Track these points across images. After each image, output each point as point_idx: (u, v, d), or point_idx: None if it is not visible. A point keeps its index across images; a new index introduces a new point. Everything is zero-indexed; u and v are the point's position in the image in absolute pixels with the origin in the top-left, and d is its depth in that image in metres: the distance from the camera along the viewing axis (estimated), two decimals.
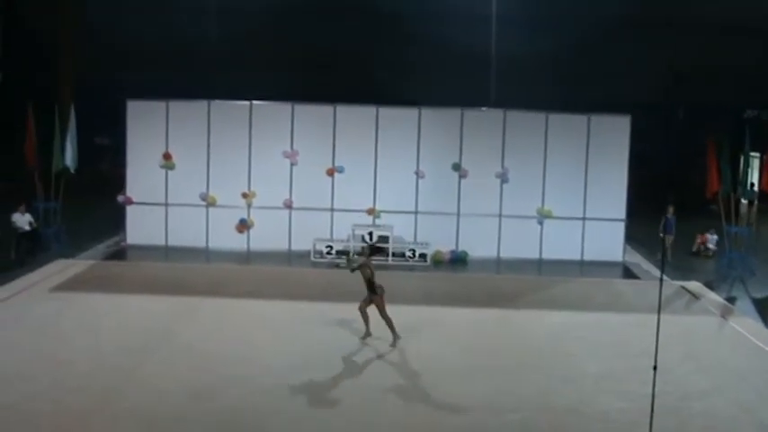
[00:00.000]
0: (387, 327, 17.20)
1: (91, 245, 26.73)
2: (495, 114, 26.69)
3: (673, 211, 26.66)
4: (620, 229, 26.39)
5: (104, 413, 13.13)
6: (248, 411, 13.30)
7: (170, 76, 35.33)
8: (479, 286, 22.84)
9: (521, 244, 26.25)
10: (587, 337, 18.15)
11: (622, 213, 26.37)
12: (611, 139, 26.31)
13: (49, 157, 26.21)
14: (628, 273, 25.29)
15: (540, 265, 25.89)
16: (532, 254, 26.29)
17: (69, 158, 26.41)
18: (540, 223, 26.30)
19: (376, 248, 17.86)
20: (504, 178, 26.30)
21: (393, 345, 17.05)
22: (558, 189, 26.30)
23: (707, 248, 28.27)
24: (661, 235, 26.65)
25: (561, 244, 26.30)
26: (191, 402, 13.65)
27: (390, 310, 17.20)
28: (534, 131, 26.31)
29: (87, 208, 31.32)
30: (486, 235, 26.25)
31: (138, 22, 38.54)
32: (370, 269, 17.14)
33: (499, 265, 25.83)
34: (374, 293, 17.11)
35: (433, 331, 18.16)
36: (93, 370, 15.13)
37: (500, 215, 26.33)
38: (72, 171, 26.96)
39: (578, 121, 26.41)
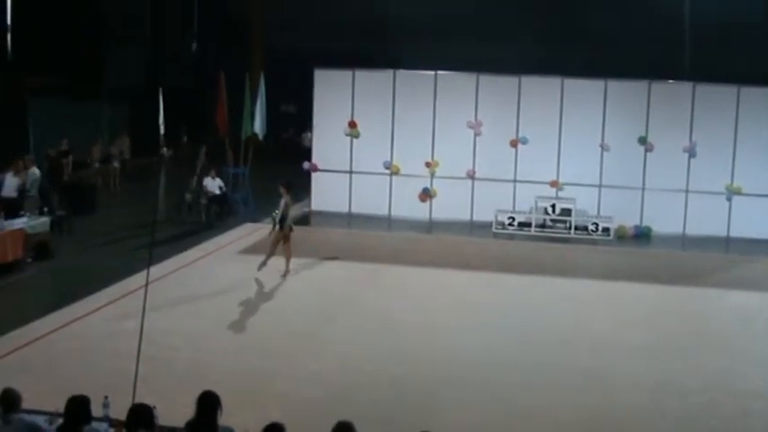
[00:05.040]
0: (286, 261, 19.48)
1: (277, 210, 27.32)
2: (684, 87, 25.92)
3: None
4: None
5: (285, 375, 13.38)
6: (422, 381, 13.33)
7: (356, 45, 35.61)
8: (663, 263, 22.32)
9: (708, 220, 25.38)
10: None
11: None
12: None
13: (239, 124, 26.89)
14: None
15: (727, 243, 25.04)
16: (720, 231, 25.41)
17: (258, 125, 27.01)
18: (729, 200, 25.43)
19: (290, 182, 20.04)
20: (691, 152, 25.52)
21: (284, 276, 19.25)
22: (749, 165, 25.29)
23: None
24: None
25: (751, 222, 25.28)
26: (369, 369, 13.79)
27: (573, 284, 17.01)
28: (725, 104, 25.36)
29: (274, 174, 32.05)
30: (671, 210, 25.52)
31: None
32: (289, 206, 19.27)
33: (684, 241, 25.13)
34: (282, 229, 19.12)
35: (614, 307, 17.84)
36: (274, 332, 15.48)
37: (686, 190, 25.56)
38: (260, 138, 27.58)
39: None
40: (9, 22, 30.47)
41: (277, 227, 19.25)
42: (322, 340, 15.21)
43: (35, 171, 23.33)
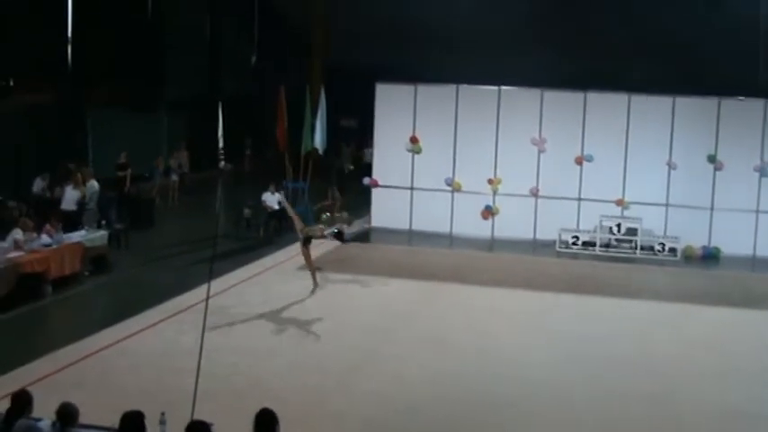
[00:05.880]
0: (312, 277, 19.78)
1: (336, 226, 27.32)
2: (755, 104, 25.55)
3: None
4: None
5: (342, 393, 13.40)
6: (481, 403, 13.27)
7: (419, 59, 35.64)
8: (733, 285, 21.95)
9: None
10: None
11: None
12: None
13: (299, 138, 26.99)
14: None
15: None
16: None
17: (318, 140, 27.09)
18: None
19: (341, 234, 20.43)
20: (762, 172, 25.17)
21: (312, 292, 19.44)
22: None
23: None
24: None
25: None
26: (426, 388, 13.75)
27: (638, 306, 16.94)
28: None
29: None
30: (741, 231, 25.13)
31: (389, 4, 38.91)
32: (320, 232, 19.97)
33: (754, 263, 24.77)
34: (304, 246, 19.47)
35: (682, 330, 17.60)
36: (333, 350, 15.50)
37: (757, 211, 25.19)
38: (320, 152, 27.68)
39: None
40: (69, 33, 30.95)
41: (301, 241, 19.69)
42: (380, 359, 15.20)
43: (94, 184, 23.64)
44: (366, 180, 27.62)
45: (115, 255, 21.89)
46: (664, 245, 24.89)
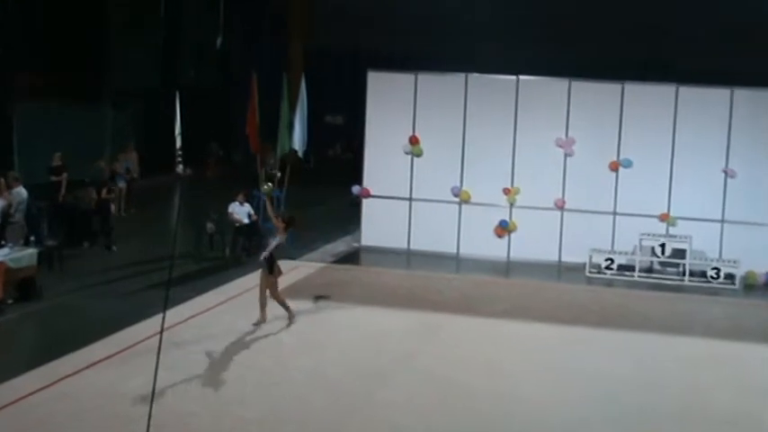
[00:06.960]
0: (284, 309, 19.48)
1: (318, 245, 27.34)
2: None
3: None
4: None
5: None
6: None
7: (420, 42, 35.70)
8: None
9: None
10: None
11: None
12: None
13: (274, 138, 26.87)
14: None
15: None
16: None
17: (297, 139, 26.98)
18: None
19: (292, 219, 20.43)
20: None
21: (289, 325, 19.29)
22: None
23: None
24: None
25: None
26: None
27: (688, 344, 16.89)
28: None
29: (316, 200, 32.11)
30: None
31: None
32: (281, 246, 19.91)
33: None
34: (271, 273, 19.14)
35: (741, 375, 17.53)
36: (315, 395, 15.40)
37: None
38: (300, 155, 27.61)
39: None
40: None
41: (265, 270, 19.24)
42: (372, 406, 15.11)
43: (21, 191, 23.33)
44: (355, 189, 27.55)
45: (47, 278, 21.74)
46: (719, 270, 24.84)
